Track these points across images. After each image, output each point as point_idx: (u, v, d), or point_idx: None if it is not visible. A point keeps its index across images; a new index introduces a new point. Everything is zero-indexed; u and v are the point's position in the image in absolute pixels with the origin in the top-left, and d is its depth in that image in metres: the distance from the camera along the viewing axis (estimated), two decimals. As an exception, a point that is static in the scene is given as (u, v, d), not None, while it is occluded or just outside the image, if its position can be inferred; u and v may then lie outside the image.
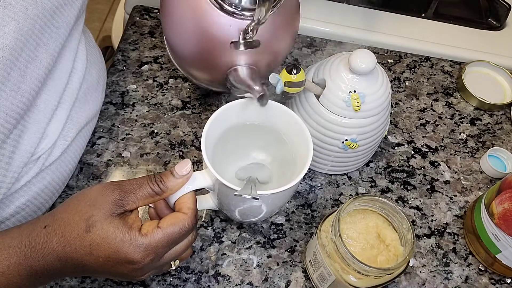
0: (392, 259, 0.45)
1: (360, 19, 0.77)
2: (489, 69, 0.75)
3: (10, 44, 0.39)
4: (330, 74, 0.52)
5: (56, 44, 0.46)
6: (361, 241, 0.46)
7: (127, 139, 0.61)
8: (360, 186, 0.61)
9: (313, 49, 0.74)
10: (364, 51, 0.50)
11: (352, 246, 0.46)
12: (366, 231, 0.47)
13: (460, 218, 0.60)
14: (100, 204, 0.38)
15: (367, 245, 0.46)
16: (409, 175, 0.62)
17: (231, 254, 0.53)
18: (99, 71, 0.57)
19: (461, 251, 0.57)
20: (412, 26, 0.78)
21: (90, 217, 0.37)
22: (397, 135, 0.66)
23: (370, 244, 0.46)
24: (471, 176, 0.64)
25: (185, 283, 0.51)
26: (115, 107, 0.63)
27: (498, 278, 0.55)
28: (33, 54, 0.42)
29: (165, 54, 0.69)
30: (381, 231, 0.46)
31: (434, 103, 0.71)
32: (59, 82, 0.49)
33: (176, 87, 0.66)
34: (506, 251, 0.52)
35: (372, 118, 0.53)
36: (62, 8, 0.46)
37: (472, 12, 0.82)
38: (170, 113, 0.64)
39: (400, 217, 0.45)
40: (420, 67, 0.75)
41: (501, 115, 0.71)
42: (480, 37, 0.78)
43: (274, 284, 0.52)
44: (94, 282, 0.50)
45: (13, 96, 0.41)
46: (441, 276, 0.55)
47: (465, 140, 0.67)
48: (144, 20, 0.74)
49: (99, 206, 0.38)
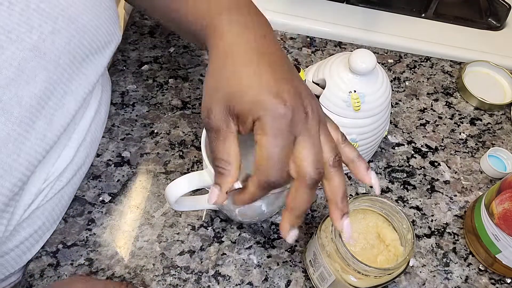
0: (392, 259, 0.45)
1: (360, 19, 0.77)
2: (489, 69, 0.75)
3: (38, 93, 0.38)
4: (330, 74, 0.52)
5: (85, 91, 0.44)
6: (361, 241, 0.46)
7: (127, 139, 0.61)
8: (360, 186, 0.61)
9: (313, 49, 0.74)
10: (364, 51, 0.50)
11: (352, 246, 0.46)
12: (366, 231, 0.46)
13: (460, 218, 0.60)
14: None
15: (367, 245, 0.46)
16: (409, 175, 0.62)
17: (231, 254, 0.53)
18: (106, 112, 0.57)
19: (461, 251, 0.57)
20: (412, 26, 0.78)
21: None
22: (397, 135, 0.66)
23: (370, 244, 0.46)
24: (471, 176, 0.64)
25: (185, 283, 0.51)
26: (115, 107, 0.63)
27: (498, 278, 0.55)
28: (60, 103, 0.41)
29: (165, 54, 0.69)
30: (381, 231, 0.46)
31: (434, 103, 0.71)
32: (72, 123, 0.47)
33: (176, 87, 0.66)
34: (506, 251, 0.52)
35: (372, 118, 0.53)
36: (93, 56, 0.44)
37: (472, 12, 0.82)
38: (170, 113, 0.64)
39: (400, 217, 0.45)
40: (420, 67, 0.75)
41: (501, 115, 0.71)
42: (480, 37, 0.78)
43: (274, 284, 0.52)
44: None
45: (38, 144, 0.39)
46: (441, 276, 0.55)
47: (465, 140, 0.67)
48: (144, 20, 0.74)
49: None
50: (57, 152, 0.46)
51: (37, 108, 0.38)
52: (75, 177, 0.52)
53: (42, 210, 0.47)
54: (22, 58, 0.36)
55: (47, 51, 0.38)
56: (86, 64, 0.44)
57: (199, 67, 0.69)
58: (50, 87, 0.39)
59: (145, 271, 0.51)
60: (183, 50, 0.70)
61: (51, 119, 0.40)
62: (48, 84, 0.39)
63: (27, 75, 0.37)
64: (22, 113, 0.37)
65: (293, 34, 0.75)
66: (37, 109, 0.39)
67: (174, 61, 0.69)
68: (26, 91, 0.37)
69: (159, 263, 0.51)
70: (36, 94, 0.38)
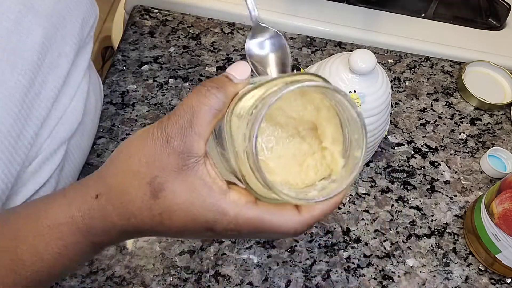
0: (322, 171, 0.32)
1: (360, 19, 0.77)
2: (489, 69, 0.75)
3: (38, 47, 0.41)
4: (330, 74, 0.52)
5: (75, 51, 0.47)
6: (289, 128, 0.32)
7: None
8: (360, 186, 0.61)
9: (313, 49, 0.74)
10: (364, 51, 0.50)
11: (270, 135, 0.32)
12: (300, 116, 0.32)
13: (460, 218, 0.60)
14: (161, 159, 0.29)
15: (296, 137, 0.33)
16: (409, 175, 0.62)
17: (231, 254, 0.53)
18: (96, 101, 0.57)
19: (461, 251, 0.57)
20: (412, 26, 0.78)
21: (154, 178, 0.29)
22: (397, 135, 0.66)
23: (300, 135, 0.33)
24: (471, 176, 0.64)
25: (185, 283, 0.51)
26: (115, 107, 0.63)
27: (498, 278, 0.55)
28: (55, 62, 0.44)
29: (165, 54, 0.69)
30: (321, 124, 0.32)
31: (434, 103, 0.71)
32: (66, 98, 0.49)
33: (176, 87, 0.66)
34: (506, 251, 0.52)
35: (372, 118, 0.53)
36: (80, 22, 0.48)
37: (472, 12, 0.82)
38: (170, 113, 0.64)
39: (353, 121, 0.30)
40: (420, 67, 0.75)
41: (501, 115, 0.71)
42: (480, 37, 0.78)
43: (274, 284, 0.52)
44: (94, 282, 0.50)
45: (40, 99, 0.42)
46: (441, 276, 0.55)
47: (465, 140, 0.67)
48: (144, 20, 0.74)
49: (160, 162, 0.29)
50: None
51: (37, 63, 0.41)
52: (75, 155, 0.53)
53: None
54: (18, 11, 0.39)
55: (40, 8, 0.41)
56: (75, 27, 0.47)
57: (199, 67, 0.69)
58: (47, 43, 0.42)
59: (145, 271, 0.51)
60: (183, 50, 0.70)
61: (47, 77, 0.43)
62: (45, 40, 0.42)
63: (26, 28, 0.40)
64: (25, 65, 0.40)
65: (293, 34, 0.75)
66: (38, 64, 0.41)
67: (174, 61, 0.69)
68: (27, 44, 0.40)
69: (159, 263, 0.51)
70: (35, 48, 0.40)
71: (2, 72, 0.38)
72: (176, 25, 0.73)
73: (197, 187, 0.29)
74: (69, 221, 0.30)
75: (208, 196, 0.29)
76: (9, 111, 0.39)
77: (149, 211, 0.29)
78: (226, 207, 0.29)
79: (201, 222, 0.29)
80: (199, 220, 0.29)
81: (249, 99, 0.30)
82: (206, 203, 0.29)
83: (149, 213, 0.29)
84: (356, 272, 0.54)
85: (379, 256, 0.55)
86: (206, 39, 0.72)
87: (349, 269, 0.54)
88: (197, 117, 0.29)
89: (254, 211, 0.29)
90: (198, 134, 0.29)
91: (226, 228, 0.30)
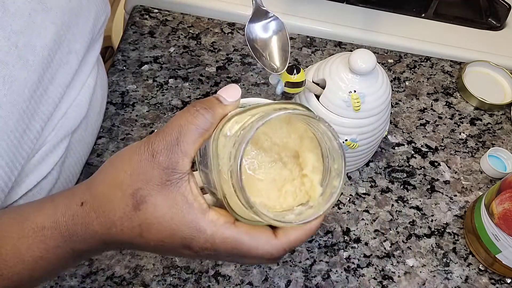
0: (301, 197, 0.33)
1: (360, 19, 0.77)
2: (489, 69, 0.75)
3: (49, 44, 0.41)
4: (330, 74, 0.52)
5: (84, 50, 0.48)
6: (272, 154, 0.33)
7: (127, 139, 0.61)
8: (360, 186, 0.61)
9: (313, 49, 0.74)
10: (364, 51, 0.50)
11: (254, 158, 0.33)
12: (284, 143, 0.34)
13: (460, 218, 0.60)
14: (146, 172, 0.30)
15: (278, 162, 0.34)
16: (409, 175, 0.62)
17: (231, 254, 0.53)
18: (103, 96, 0.58)
19: (461, 251, 0.57)
20: (412, 26, 0.78)
21: (137, 190, 0.30)
22: (397, 135, 0.66)
23: (282, 161, 0.34)
24: (471, 176, 0.64)
25: (185, 283, 0.51)
26: (115, 107, 0.63)
27: (498, 278, 0.55)
28: (65, 59, 0.44)
29: (165, 54, 0.69)
30: (303, 152, 0.33)
31: (434, 103, 0.71)
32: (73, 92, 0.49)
33: (176, 87, 0.66)
34: (506, 251, 0.52)
35: (372, 118, 0.53)
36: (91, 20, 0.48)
37: (472, 12, 0.82)
38: (170, 113, 0.64)
39: (334, 152, 0.31)
40: (420, 67, 0.75)
41: (501, 115, 0.71)
42: (480, 37, 0.78)
43: (274, 284, 0.52)
44: (94, 282, 0.50)
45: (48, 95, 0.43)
46: (441, 276, 0.55)
47: (465, 140, 0.67)
48: (144, 20, 0.74)
49: (144, 175, 0.30)
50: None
51: (47, 59, 0.41)
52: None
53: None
54: (32, 9, 0.39)
55: (53, 6, 0.41)
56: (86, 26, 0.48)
57: (199, 67, 0.69)
58: (58, 40, 0.43)
59: (145, 271, 0.51)
60: (183, 50, 0.70)
61: (56, 74, 0.44)
62: (56, 37, 0.42)
63: (38, 26, 0.40)
64: (36, 61, 0.40)
65: (293, 34, 0.75)
66: (48, 61, 0.41)
67: (174, 61, 0.69)
68: (39, 41, 0.40)
69: (159, 263, 0.51)
70: (47, 45, 0.41)
71: (12, 68, 0.38)
72: (176, 25, 0.73)
73: (178, 203, 0.29)
74: (52, 226, 0.31)
75: (187, 212, 0.29)
76: (17, 107, 0.39)
77: (129, 221, 0.30)
78: (204, 225, 0.30)
79: (178, 238, 0.30)
80: (176, 235, 0.30)
81: (238, 121, 0.31)
82: (185, 219, 0.29)
83: (129, 224, 0.30)
84: (356, 272, 0.54)
85: (379, 256, 0.55)
86: (206, 39, 0.72)
87: (349, 269, 0.54)
88: (184, 135, 0.30)
89: (231, 231, 0.30)
90: (183, 152, 0.30)
91: (203, 247, 0.30)
